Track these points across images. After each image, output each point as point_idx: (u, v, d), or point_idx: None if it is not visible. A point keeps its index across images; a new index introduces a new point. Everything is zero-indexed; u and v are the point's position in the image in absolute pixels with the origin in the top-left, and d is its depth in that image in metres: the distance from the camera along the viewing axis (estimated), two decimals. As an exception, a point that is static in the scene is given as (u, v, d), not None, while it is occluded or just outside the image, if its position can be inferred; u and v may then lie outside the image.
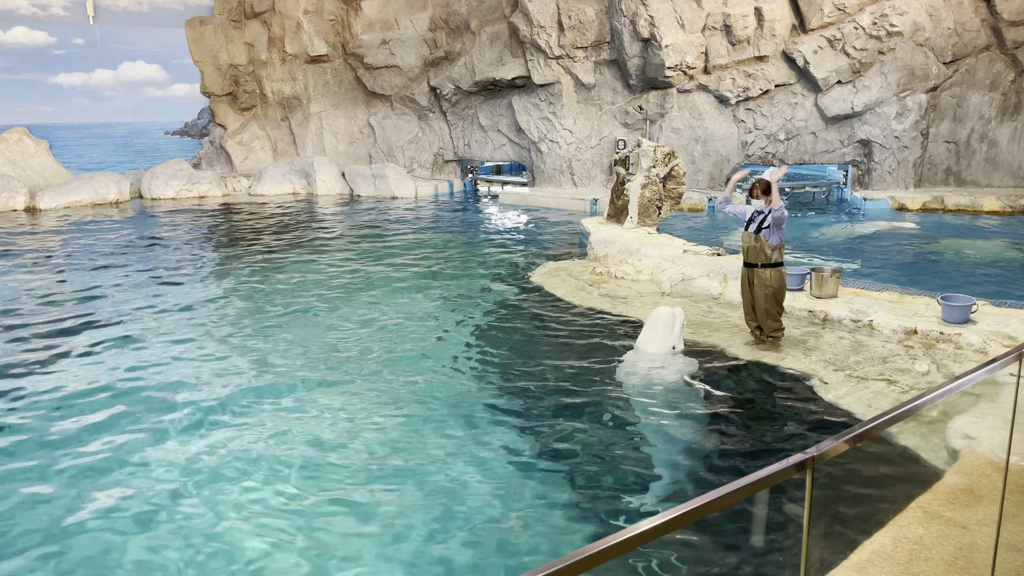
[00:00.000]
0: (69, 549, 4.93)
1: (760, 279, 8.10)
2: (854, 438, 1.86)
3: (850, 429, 1.86)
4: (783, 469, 1.70)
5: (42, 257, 14.94)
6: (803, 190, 24.55)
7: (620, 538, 1.48)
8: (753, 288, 8.19)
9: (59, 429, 6.74)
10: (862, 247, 15.29)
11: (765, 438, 6.32)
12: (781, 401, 7.04)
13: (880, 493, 5.38)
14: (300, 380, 7.73)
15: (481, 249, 15.43)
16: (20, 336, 9.65)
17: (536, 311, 10.23)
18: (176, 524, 5.17)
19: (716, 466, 5.86)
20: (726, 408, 6.83)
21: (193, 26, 26.84)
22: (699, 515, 1.50)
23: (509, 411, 6.89)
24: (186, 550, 4.88)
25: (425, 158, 26.52)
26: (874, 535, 4.25)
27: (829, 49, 20.12)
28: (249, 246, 15.98)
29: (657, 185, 13.87)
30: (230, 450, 6.20)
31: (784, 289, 8.22)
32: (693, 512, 1.47)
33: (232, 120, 27.91)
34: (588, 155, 22.97)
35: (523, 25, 22.40)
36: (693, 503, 1.46)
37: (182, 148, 46.11)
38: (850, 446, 1.85)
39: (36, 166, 24.35)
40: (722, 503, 1.50)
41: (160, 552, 4.86)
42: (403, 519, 5.16)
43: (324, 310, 10.50)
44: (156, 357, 8.66)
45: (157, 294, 11.82)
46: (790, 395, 7.14)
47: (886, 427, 2.00)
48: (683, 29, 20.49)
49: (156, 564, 4.75)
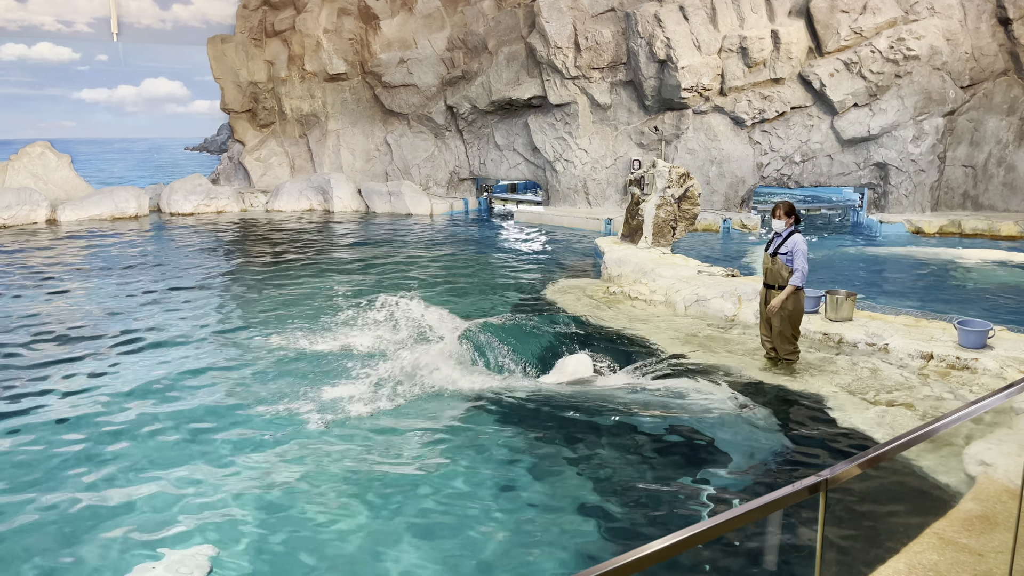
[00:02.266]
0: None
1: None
2: (868, 462, 1.86)
3: (864, 452, 1.87)
4: (796, 491, 1.71)
5: (62, 270, 15.12)
6: (818, 212, 24.50)
7: (630, 558, 1.49)
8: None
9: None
10: (878, 270, 15.22)
11: (776, 461, 6.29)
12: (793, 424, 7.01)
13: (894, 518, 5.33)
14: (315, 395, 7.77)
15: (495, 267, 15.48)
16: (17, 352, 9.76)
17: (548, 329, 10.24)
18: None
19: (726, 488, 5.84)
20: (736, 430, 6.80)
21: (215, 44, 27.24)
22: (712, 535, 1.52)
23: (516, 425, 6.89)
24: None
25: (441, 176, 26.69)
26: (888, 561, 4.22)
27: (845, 72, 20.14)
28: (264, 260, 16.10)
29: (672, 205, 13.89)
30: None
31: (800, 313, 8.19)
32: (706, 532, 1.49)
33: (251, 136, 28.23)
34: (603, 175, 23.04)
35: (540, 45, 22.58)
36: (707, 523, 1.47)
37: (201, 164, 46.61)
38: (864, 470, 1.86)
39: (58, 180, 24.69)
40: (734, 524, 1.51)
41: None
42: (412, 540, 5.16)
43: (337, 323, 10.55)
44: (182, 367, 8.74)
45: (173, 308, 11.93)
46: (803, 418, 7.10)
47: (900, 451, 2.00)
48: (699, 51, 20.58)
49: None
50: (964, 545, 4.39)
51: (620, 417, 7.11)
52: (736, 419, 7.04)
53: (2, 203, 21.25)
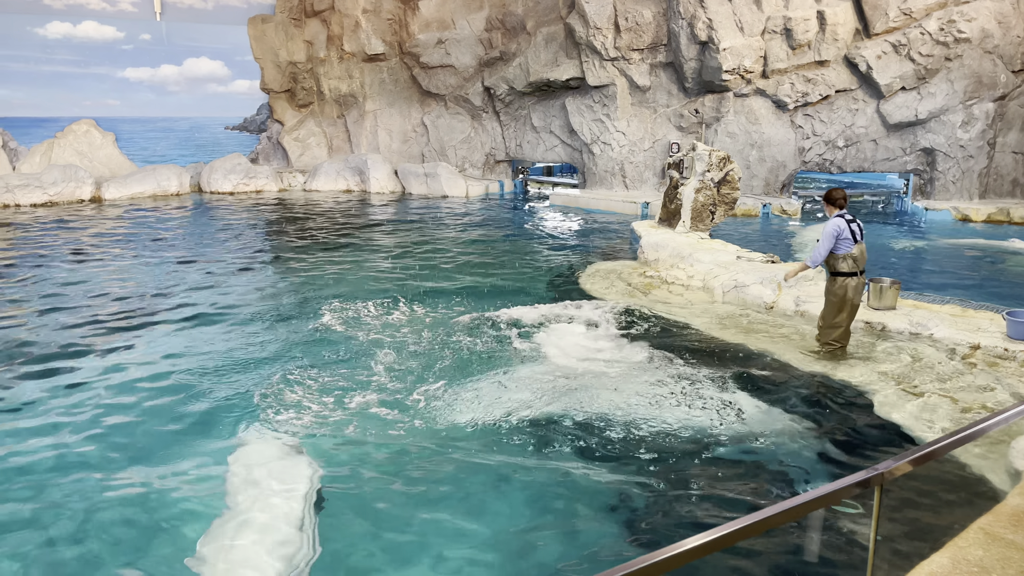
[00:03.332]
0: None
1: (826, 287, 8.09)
2: (923, 457, 1.81)
3: (919, 448, 1.82)
4: (849, 485, 1.66)
5: (107, 243, 15.42)
6: (861, 199, 24.00)
7: (676, 550, 1.47)
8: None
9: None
10: (923, 258, 14.89)
11: (817, 452, 6.19)
12: (833, 414, 6.89)
13: (938, 512, 5.23)
14: (353, 379, 7.83)
15: (529, 250, 15.44)
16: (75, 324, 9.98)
17: (585, 315, 10.19)
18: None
19: (767, 480, 5.77)
20: (776, 420, 6.71)
21: (255, 23, 27.43)
22: (765, 527, 1.48)
23: (551, 413, 6.87)
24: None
25: (477, 158, 26.64)
26: (931, 556, 4.14)
27: (893, 54, 19.63)
28: (303, 239, 16.25)
29: (711, 190, 13.70)
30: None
31: (843, 302, 7.96)
32: (759, 524, 1.45)
33: (290, 116, 28.43)
34: (641, 158, 22.81)
35: (579, 26, 22.35)
36: (758, 515, 1.44)
37: (241, 143, 47.13)
38: (919, 465, 1.81)
39: (102, 157, 25.14)
40: (788, 516, 1.47)
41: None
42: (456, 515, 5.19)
43: (372, 309, 10.61)
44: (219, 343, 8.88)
45: (210, 284, 12.11)
46: (842, 408, 6.98)
47: (957, 447, 1.94)
48: (742, 32, 20.21)
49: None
50: (1011, 541, 4.28)
51: (660, 407, 7.06)
52: (775, 408, 6.95)
53: (48, 179, 21.70)
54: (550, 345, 8.73)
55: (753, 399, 7.16)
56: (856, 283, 7.91)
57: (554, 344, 8.76)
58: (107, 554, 4.84)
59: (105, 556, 4.81)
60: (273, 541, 4.78)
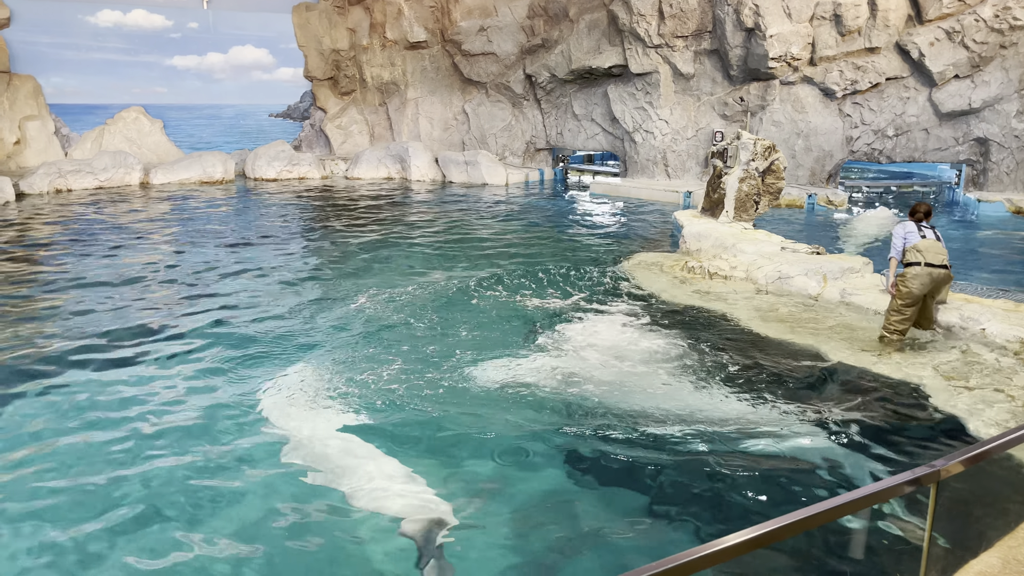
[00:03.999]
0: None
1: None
2: (979, 455, 1.76)
3: (976, 445, 1.76)
4: (903, 483, 1.62)
5: (155, 228, 15.76)
6: (910, 190, 23.42)
7: (719, 546, 1.45)
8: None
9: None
10: (975, 251, 14.49)
11: (865, 447, 6.08)
12: (880, 409, 6.76)
13: (988, 511, 5.10)
14: (394, 369, 7.90)
15: (570, 239, 15.38)
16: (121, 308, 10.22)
17: (626, 306, 10.13)
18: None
19: (814, 475, 5.69)
20: (822, 414, 6.61)
21: (300, 12, 27.67)
22: (814, 523, 1.45)
23: (597, 403, 6.85)
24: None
25: (517, 146, 26.59)
26: (980, 555, 4.04)
27: (947, 41, 19.07)
28: (345, 224, 16.41)
29: (755, 179, 13.49)
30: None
31: (903, 294, 7.96)
32: (808, 520, 1.42)
33: (332, 104, 28.67)
34: (683, 146, 22.54)
35: (623, 13, 22.12)
36: (808, 510, 1.41)
37: (284, 130, 47.70)
38: (975, 463, 1.76)
39: (150, 144, 25.67)
40: (842, 511, 1.44)
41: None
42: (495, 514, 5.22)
43: (413, 297, 10.68)
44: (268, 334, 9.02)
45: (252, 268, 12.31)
46: (891, 403, 6.84)
47: (1014, 445, 1.88)
48: (789, 19, 19.81)
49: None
50: (1065, 543, 4.15)
51: (707, 400, 7.00)
52: (820, 402, 6.84)
53: (99, 165, 22.22)
54: (589, 334, 8.70)
55: (797, 391, 7.06)
56: (916, 272, 7.91)
57: (593, 334, 8.73)
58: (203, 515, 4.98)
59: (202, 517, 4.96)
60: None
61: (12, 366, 7.90)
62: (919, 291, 7.89)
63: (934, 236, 8.18)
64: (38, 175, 21.04)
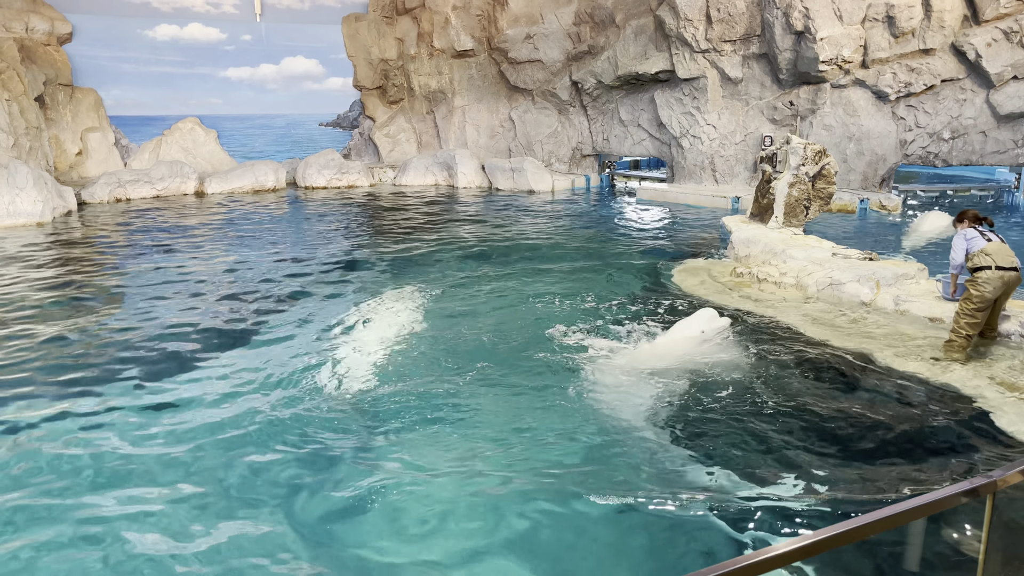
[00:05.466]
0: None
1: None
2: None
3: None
4: (958, 493, 1.62)
5: (215, 236, 16.19)
6: (967, 193, 22.81)
7: (770, 553, 1.46)
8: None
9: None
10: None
11: (919, 457, 5.96)
12: (934, 418, 6.62)
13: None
14: (448, 380, 8.00)
15: (617, 245, 15.34)
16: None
17: (671, 314, 10.08)
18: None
19: (869, 483, 5.60)
20: (875, 424, 6.50)
21: (349, 22, 28.17)
22: (867, 533, 1.47)
23: (650, 411, 6.85)
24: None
25: (563, 152, 26.62)
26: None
27: (1005, 42, 18.55)
28: (394, 231, 16.63)
29: (806, 184, 13.31)
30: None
31: (969, 299, 7.86)
32: (862, 529, 1.44)
33: (380, 113, 29.09)
34: (731, 151, 22.32)
35: (669, 18, 22.02)
36: (870, 516, 1.42)
37: (334, 139, 48.53)
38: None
39: (205, 154, 26.36)
40: (897, 520, 1.45)
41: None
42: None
43: (462, 299, 10.78)
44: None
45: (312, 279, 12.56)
46: (945, 413, 6.69)
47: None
48: (840, 21, 19.49)
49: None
50: None
51: (758, 397, 6.94)
52: (872, 413, 6.73)
53: (156, 175, 22.90)
54: (636, 341, 8.68)
55: (849, 400, 6.95)
56: (988, 275, 7.75)
57: (641, 340, 8.71)
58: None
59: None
60: None
61: (101, 364, 8.21)
62: (992, 295, 7.75)
63: (999, 240, 8.01)
64: (99, 185, 21.76)
